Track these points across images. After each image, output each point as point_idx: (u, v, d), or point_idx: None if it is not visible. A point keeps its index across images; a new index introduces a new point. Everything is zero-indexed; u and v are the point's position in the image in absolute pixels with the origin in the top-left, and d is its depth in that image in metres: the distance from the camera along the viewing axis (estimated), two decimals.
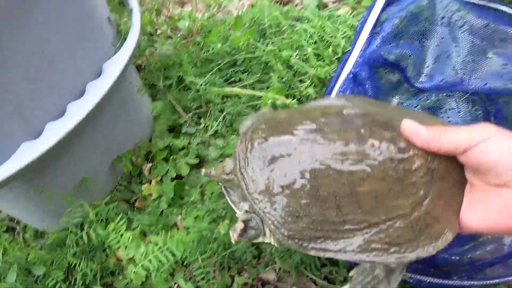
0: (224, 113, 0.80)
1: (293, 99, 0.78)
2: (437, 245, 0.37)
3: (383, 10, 0.88)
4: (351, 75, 0.77)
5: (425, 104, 0.78)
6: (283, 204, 0.38)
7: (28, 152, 0.54)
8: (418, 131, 0.39)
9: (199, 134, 0.80)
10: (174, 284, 0.66)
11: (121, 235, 0.60)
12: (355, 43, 0.84)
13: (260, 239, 0.42)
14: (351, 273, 0.43)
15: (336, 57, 0.85)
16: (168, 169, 0.75)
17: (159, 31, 1.00)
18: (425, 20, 0.80)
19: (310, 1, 0.98)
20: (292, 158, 0.39)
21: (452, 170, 0.39)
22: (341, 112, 0.42)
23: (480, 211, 0.37)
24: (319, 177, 0.38)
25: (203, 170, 0.47)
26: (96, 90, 0.60)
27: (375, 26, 0.87)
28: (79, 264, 0.65)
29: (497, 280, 0.54)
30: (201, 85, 0.81)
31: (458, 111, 0.75)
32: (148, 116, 0.82)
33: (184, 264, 0.70)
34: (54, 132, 0.56)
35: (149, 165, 0.76)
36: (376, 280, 0.41)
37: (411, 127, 0.39)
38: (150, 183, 0.74)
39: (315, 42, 0.86)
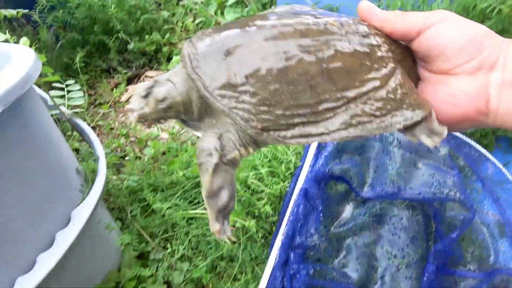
0: (190, 236, 0.86)
1: (253, 217, 0.85)
2: (422, 111, 0.36)
3: None
4: (302, 192, 0.85)
5: (372, 212, 0.86)
6: (250, 94, 0.34)
7: None
8: (374, 11, 0.40)
9: (166, 259, 0.84)
10: None
11: None
12: (305, 158, 0.94)
13: (236, 153, 0.37)
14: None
15: (289, 172, 0.94)
16: None
17: (127, 158, 1.08)
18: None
19: None
20: (251, 46, 0.36)
21: (407, 57, 0.40)
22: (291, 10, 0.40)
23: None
24: (286, 59, 0.35)
25: (134, 116, 0.38)
26: (65, 239, 0.65)
27: None
28: None
29: None
30: (167, 209, 0.87)
31: (401, 218, 0.83)
32: (116, 246, 0.86)
33: None
34: (23, 286, 0.59)
35: None
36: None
37: (366, 6, 0.40)
38: None
39: (269, 161, 0.95)
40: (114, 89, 1.44)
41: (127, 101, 1.42)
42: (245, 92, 0.34)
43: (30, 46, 1.44)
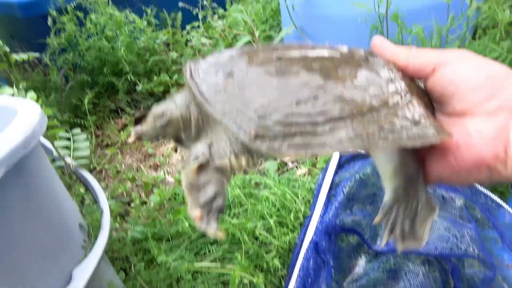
0: None
1: (261, 271, 0.81)
2: (441, 134, 0.33)
3: (336, 173, 0.98)
4: (312, 245, 0.81)
5: (386, 266, 0.82)
6: (246, 100, 0.33)
7: None
8: (388, 44, 0.39)
9: None
10: None
11: None
12: (314, 207, 0.92)
13: (225, 161, 0.34)
14: (377, 219, 0.38)
15: (298, 222, 0.91)
16: None
17: (132, 204, 1.06)
18: (372, 185, 0.89)
19: (271, 166, 1.08)
20: (253, 59, 0.35)
21: (422, 95, 0.38)
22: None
23: None
24: (288, 69, 0.34)
25: (132, 134, 0.38)
26: None
27: (330, 188, 0.96)
28: None
29: None
30: (172, 261, 0.84)
31: (417, 274, 0.78)
32: None
33: None
34: None
35: None
36: (414, 203, 0.37)
37: (380, 40, 0.39)
38: None
39: (278, 210, 0.93)
40: (122, 131, 1.44)
41: (134, 142, 1.41)
42: (241, 97, 0.33)
43: (40, 88, 1.46)
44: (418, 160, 0.39)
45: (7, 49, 1.20)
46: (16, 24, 1.68)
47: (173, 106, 0.38)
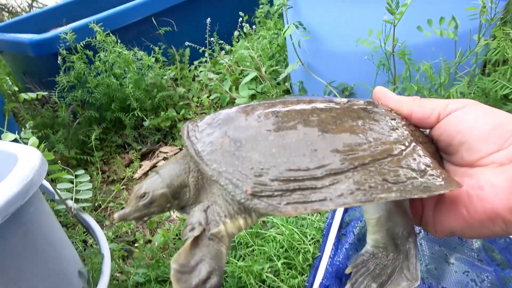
0: None
1: None
2: (450, 183, 0.31)
3: (345, 211, 0.95)
4: None
5: None
6: (242, 158, 0.31)
7: None
8: (389, 94, 0.38)
9: None
10: None
11: None
12: (324, 248, 0.88)
13: (220, 227, 0.33)
14: (348, 269, 0.36)
15: (307, 263, 0.87)
16: None
17: (136, 244, 1.04)
18: None
19: None
20: (249, 116, 0.34)
21: (429, 143, 0.37)
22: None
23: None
24: (284, 122, 0.33)
25: (115, 217, 0.36)
26: None
27: (340, 227, 0.93)
28: None
29: None
30: None
31: None
32: None
33: None
34: None
35: None
36: (390, 267, 0.35)
37: (381, 90, 0.38)
38: None
39: (286, 250, 0.89)
40: (128, 166, 1.43)
41: (140, 178, 1.40)
42: (238, 156, 0.32)
43: (48, 125, 1.47)
44: (411, 223, 0.36)
45: (16, 88, 1.22)
46: (28, 62, 1.72)
47: (158, 181, 0.36)
